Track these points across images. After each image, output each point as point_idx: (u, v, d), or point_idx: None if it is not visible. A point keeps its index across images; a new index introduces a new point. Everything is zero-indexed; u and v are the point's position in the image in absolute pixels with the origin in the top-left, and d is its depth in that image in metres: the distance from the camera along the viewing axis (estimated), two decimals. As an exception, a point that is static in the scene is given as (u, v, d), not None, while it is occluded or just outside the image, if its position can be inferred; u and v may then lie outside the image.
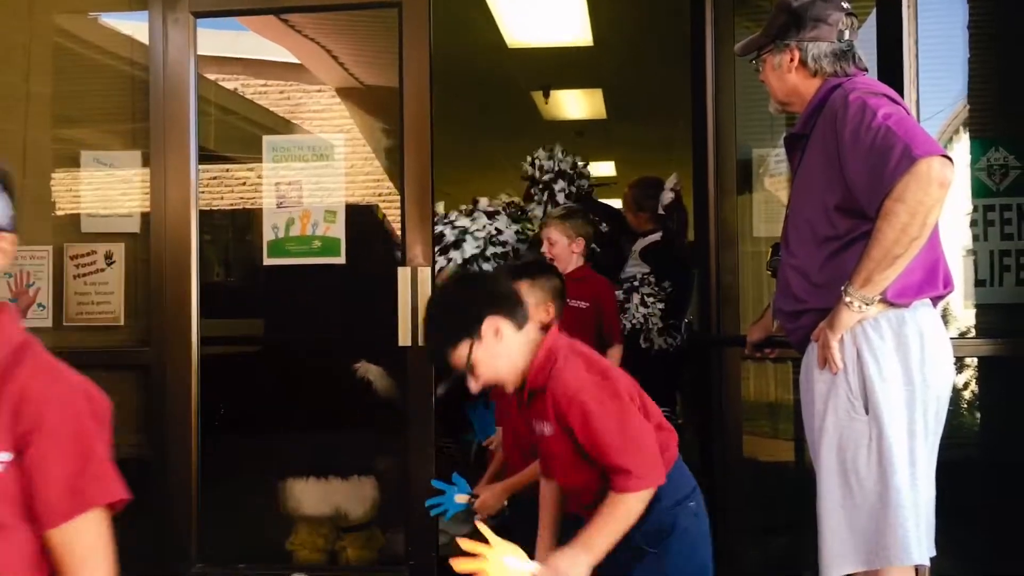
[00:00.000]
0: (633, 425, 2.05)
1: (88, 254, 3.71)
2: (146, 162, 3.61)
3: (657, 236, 4.30)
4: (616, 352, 3.77)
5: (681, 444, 3.70)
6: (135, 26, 3.78)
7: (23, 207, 4.05)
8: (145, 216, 3.63)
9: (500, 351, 2.13)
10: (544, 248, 3.87)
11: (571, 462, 2.13)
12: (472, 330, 2.12)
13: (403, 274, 3.32)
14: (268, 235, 3.58)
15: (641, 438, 2.05)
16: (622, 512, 2.01)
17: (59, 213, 3.83)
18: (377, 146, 4.47)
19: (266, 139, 3.62)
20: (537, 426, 2.17)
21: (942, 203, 2.08)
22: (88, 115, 3.96)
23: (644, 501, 2.02)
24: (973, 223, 3.38)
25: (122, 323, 3.69)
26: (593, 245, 4.47)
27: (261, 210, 3.64)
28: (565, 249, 3.82)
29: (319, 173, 3.66)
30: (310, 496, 3.61)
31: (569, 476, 2.20)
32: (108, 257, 3.70)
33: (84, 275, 3.70)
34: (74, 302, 3.70)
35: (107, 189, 3.79)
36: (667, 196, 4.35)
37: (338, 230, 3.57)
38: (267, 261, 3.60)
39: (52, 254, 3.71)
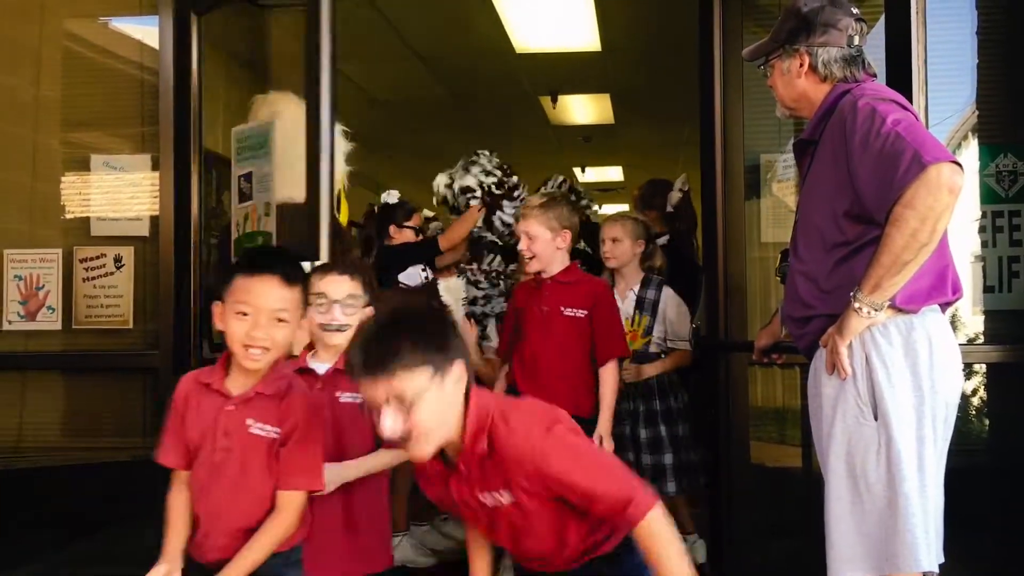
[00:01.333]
0: (603, 456, 1.91)
1: (97, 257, 3.73)
2: (155, 166, 3.63)
3: (664, 240, 4.29)
4: (612, 368, 3.23)
5: (688, 449, 3.66)
6: (144, 30, 3.80)
7: (33, 211, 4.09)
8: (154, 219, 3.64)
9: (447, 404, 1.78)
10: (522, 245, 3.25)
11: (550, 525, 1.89)
12: (442, 362, 1.76)
13: None
14: (234, 232, 3.50)
15: (614, 465, 1.88)
16: (664, 541, 1.80)
17: (69, 216, 3.85)
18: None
19: (234, 130, 3.53)
20: (486, 498, 1.86)
21: (952, 209, 2.08)
22: (98, 119, 3.98)
23: (664, 520, 1.81)
24: (982, 229, 3.37)
25: (131, 326, 3.70)
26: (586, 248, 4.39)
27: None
28: (548, 245, 3.21)
29: (263, 163, 3.51)
30: None
31: (544, 541, 1.93)
32: (117, 260, 3.72)
33: (93, 278, 3.72)
34: (83, 305, 3.72)
35: (116, 193, 3.80)
36: (675, 196, 4.34)
37: (271, 224, 3.40)
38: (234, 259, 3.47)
39: (62, 257, 3.73)
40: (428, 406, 1.73)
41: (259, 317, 2.08)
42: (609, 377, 3.22)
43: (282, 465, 2.11)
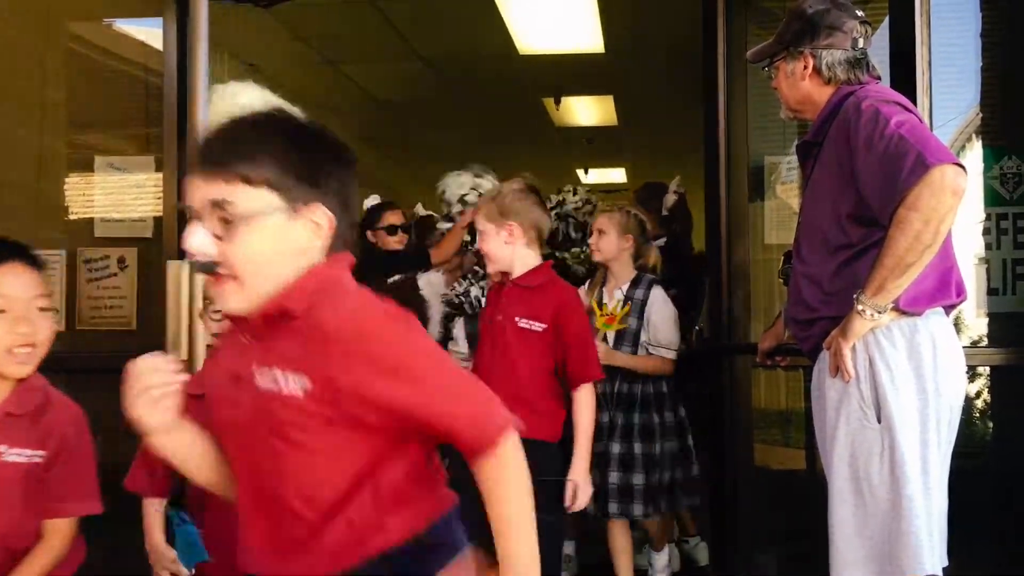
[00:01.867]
0: (449, 362, 1.38)
1: (101, 259, 3.73)
2: (159, 167, 3.63)
3: (661, 242, 4.27)
4: (586, 395, 2.72)
5: (691, 452, 3.65)
6: (148, 31, 3.80)
7: (37, 212, 4.09)
8: (158, 220, 3.65)
9: (285, 254, 1.30)
10: (478, 243, 2.89)
11: (322, 467, 1.29)
12: (304, 196, 1.30)
13: (173, 270, 2.68)
14: None
15: (464, 375, 1.40)
16: (516, 479, 1.31)
17: (72, 217, 3.85)
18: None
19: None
20: (262, 377, 1.30)
21: (955, 211, 2.08)
22: (102, 120, 3.99)
23: (519, 450, 1.32)
24: (986, 231, 3.37)
25: (134, 328, 3.70)
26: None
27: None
28: (494, 241, 2.76)
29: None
30: None
31: (299, 494, 1.30)
32: (121, 262, 3.72)
33: (97, 279, 3.72)
34: (87, 307, 3.72)
35: (120, 194, 3.81)
36: (670, 198, 4.33)
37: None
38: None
39: (65, 258, 3.73)
40: (257, 242, 1.28)
41: (19, 309, 1.82)
42: (584, 405, 2.71)
43: (50, 491, 1.85)
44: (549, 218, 2.85)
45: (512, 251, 2.75)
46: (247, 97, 3.19)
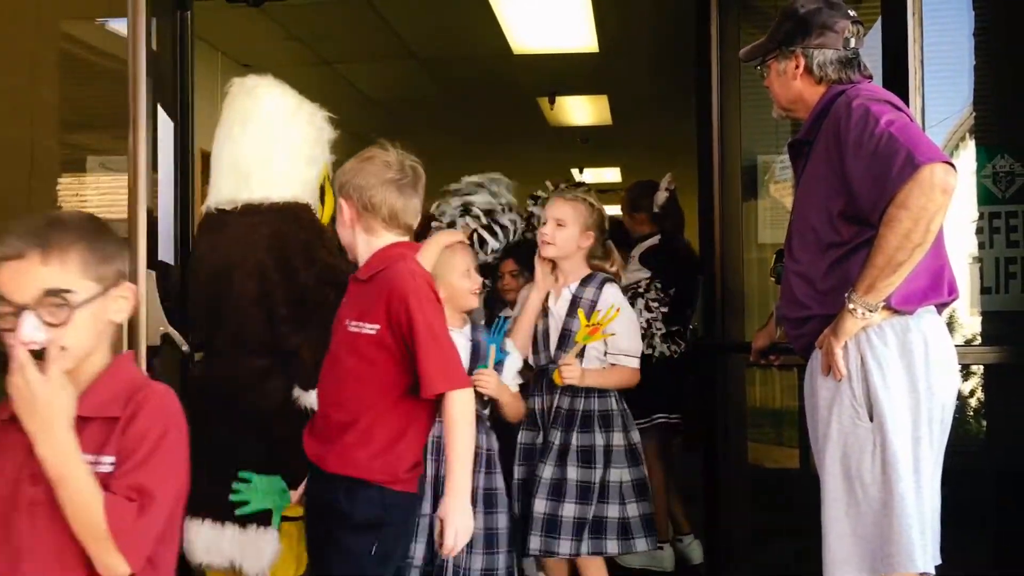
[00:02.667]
0: None
1: (94, 258, 3.72)
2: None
3: (655, 240, 4.27)
4: (453, 407, 2.05)
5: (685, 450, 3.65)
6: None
7: (30, 212, 4.07)
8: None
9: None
10: None
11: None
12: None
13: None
14: None
15: None
16: None
17: (65, 217, 3.84)
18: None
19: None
20: None
21: (945, 210, 2.09)
22: (94, 120, 3.97)
23: None
24: (979, 230, 3.38)
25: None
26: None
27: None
28: (340, 222, 2.27)
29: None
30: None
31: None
32: (114, 261, 3.71)
33: (90, 279, 3.71)
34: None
35: (113, 194, 3.80)
36: (661, 196, 4.32)
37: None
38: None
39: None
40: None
41: None
42: (452, 423, 2.06)
43: None
44: (407, 200, 2.18)
45: (352, 236, 2.21)
46: (264, 90, 3.05)
